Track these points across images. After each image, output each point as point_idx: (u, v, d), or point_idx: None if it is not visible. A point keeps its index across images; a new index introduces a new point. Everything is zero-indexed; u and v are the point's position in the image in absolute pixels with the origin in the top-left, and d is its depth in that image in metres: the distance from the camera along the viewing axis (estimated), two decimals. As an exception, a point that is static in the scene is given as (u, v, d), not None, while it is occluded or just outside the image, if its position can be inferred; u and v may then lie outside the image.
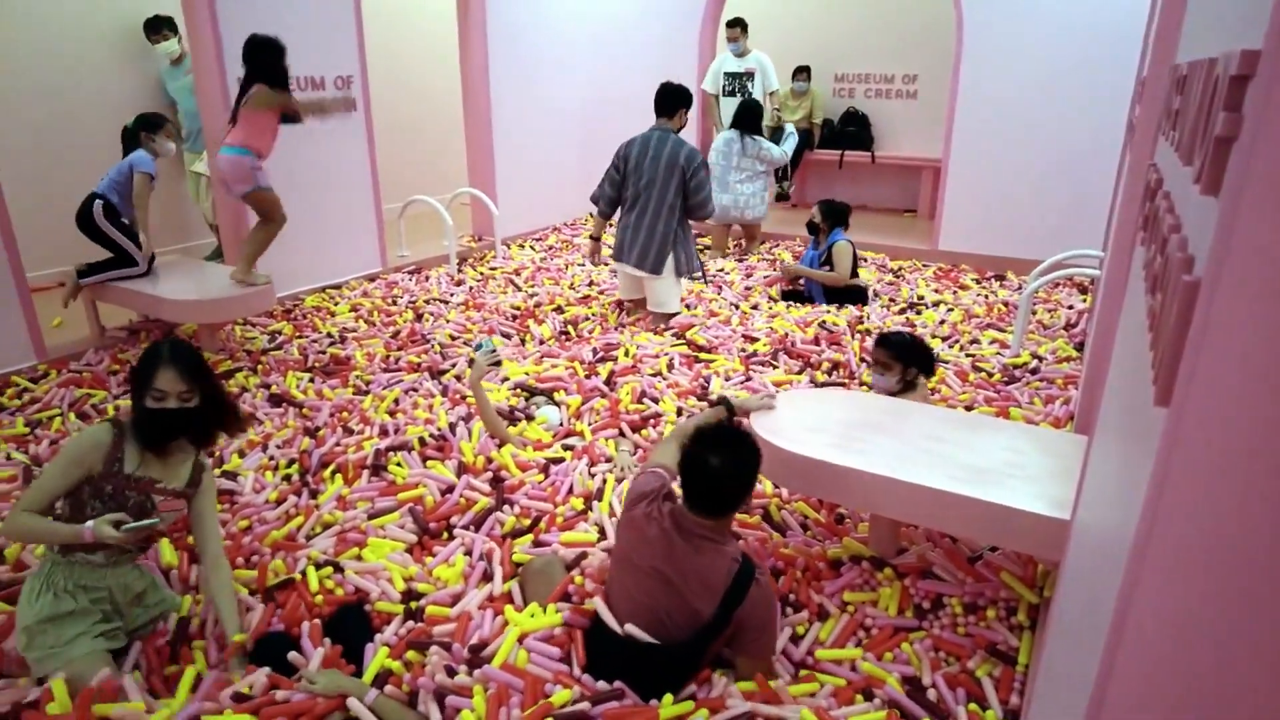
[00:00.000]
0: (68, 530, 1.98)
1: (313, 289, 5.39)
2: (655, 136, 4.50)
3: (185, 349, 2.11)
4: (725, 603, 1.97)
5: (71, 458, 2.02)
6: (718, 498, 1.99)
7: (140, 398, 2.05)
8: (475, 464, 3.05)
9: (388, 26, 7.11)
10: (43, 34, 5.27)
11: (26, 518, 1.99)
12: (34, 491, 2.02)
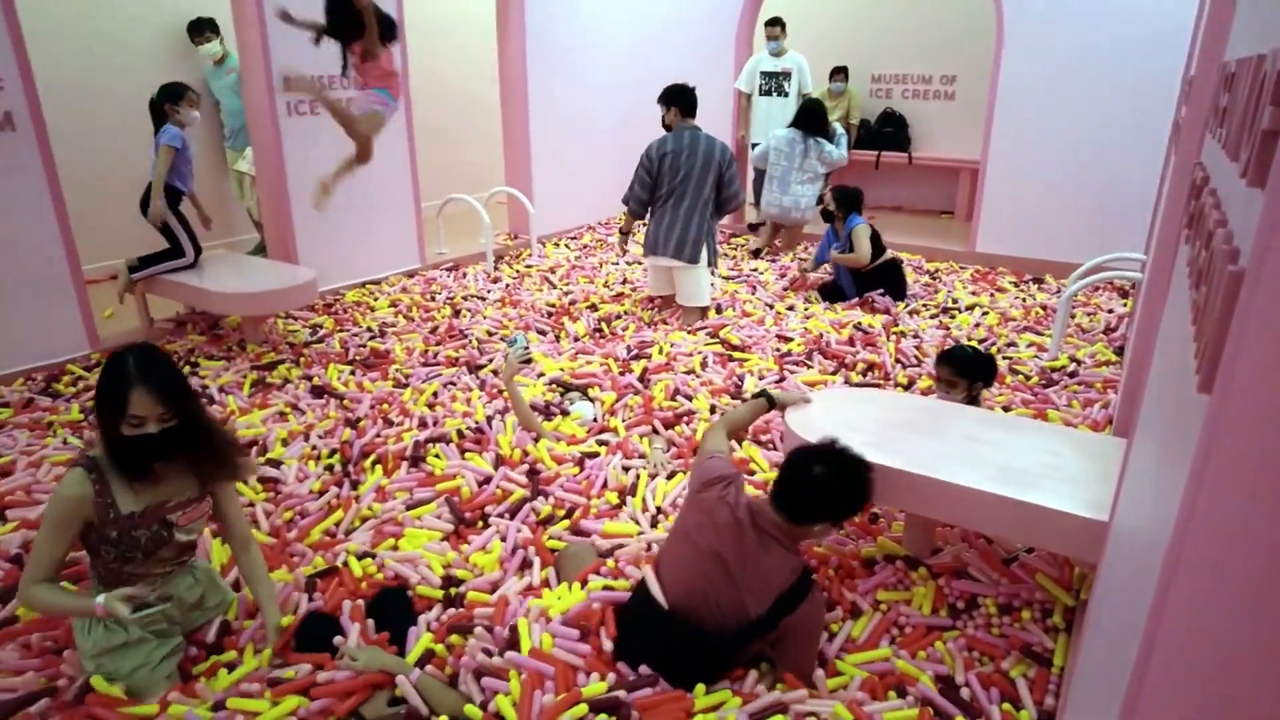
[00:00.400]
0: (80, 605, 1.86)
1: (353, 284, 5.50)
2: (688, 135, 4.64)
3: (157, 361, 1.85)
4: (777, 606, 1.97)
5: (58, 521, 1.84)
6: (804, 502, 2.01)
7: (113, 425, 1.80)
8: (512, 456, 3.10)
9: (429, 26, 7.21)
10: (96, 35, 5.44)
11: (39, 590, 1.84)
12: (35, 562, 1.85)
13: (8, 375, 3.91)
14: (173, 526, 1.95)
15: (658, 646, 2.00)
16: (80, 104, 5.30)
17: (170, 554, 1.99)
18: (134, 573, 1.95)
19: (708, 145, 4.61)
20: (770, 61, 6.87)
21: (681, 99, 4.72)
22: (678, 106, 4.71)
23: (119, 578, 1.93)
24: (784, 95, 6.89)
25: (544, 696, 1.89)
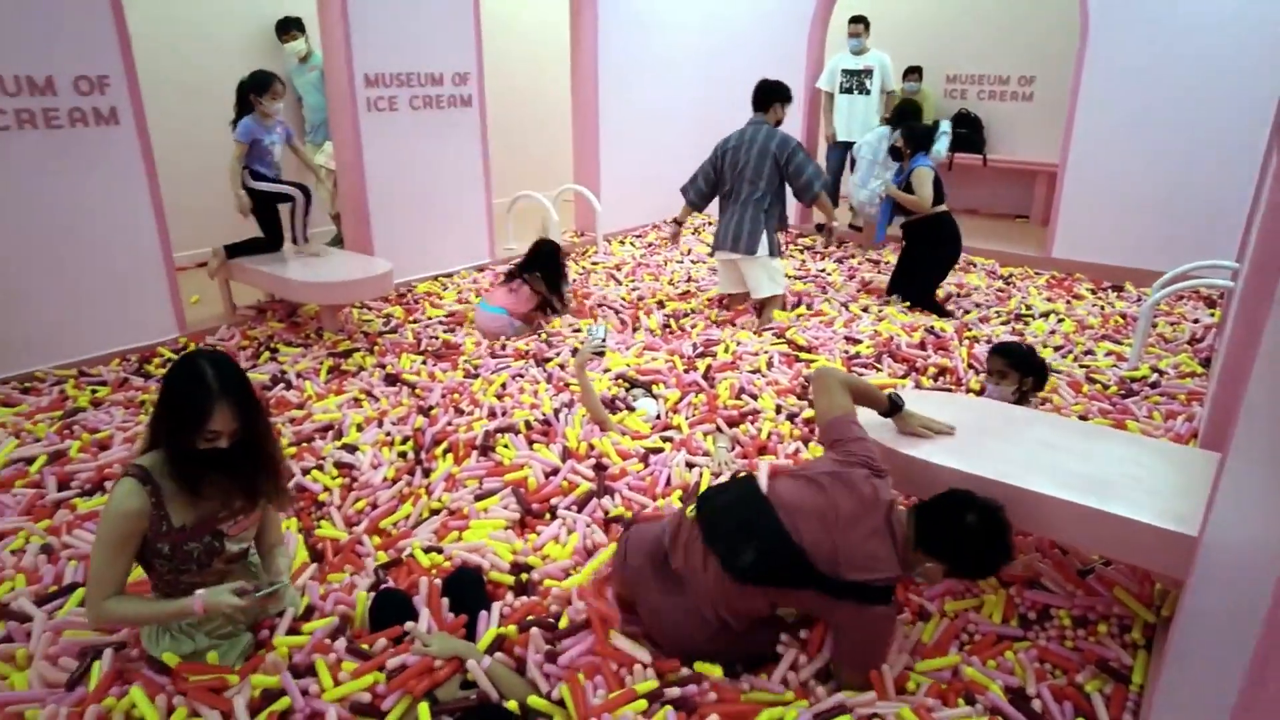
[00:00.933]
0: (174, 607, 1.81)
1: (424, 277, 5.63)
2: (750, 129, 4.69)
3: (235, 373, 1.81)
4: (849, 586, 1.90)
5: (119, 536, 1.77)
6: (939, 537, 1.96)
7: (187, 437, 1.76)
8: (578, 449, 3.14)
9: (503, 26, 7.33)
10: (189, 34, 5.70)
11: (114, 605, 1.79)
12: (98, 581, 1.78)
13: (105, 355, 4.13)
14: (224, 537, 1.91)
15: (734, 516, 2.01)
16: (174, 99, 5.54)
17: (223, 563, 1.96)
18: (192, 582, 1.90)
19: (764, 137, 4.61)
20: (851, 60, 6.79)
21: (756, 93, 4.77)
22: (754, 101, 4.77)
23: (178, 588, 1.90)
24: (865, 93, 6.82)
25: (598, 692, 1.92)
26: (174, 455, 1.78)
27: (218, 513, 1.88)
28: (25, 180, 3.76)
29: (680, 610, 2.05)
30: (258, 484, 1.92)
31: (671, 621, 2.07)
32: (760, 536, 1.97)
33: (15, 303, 3.82)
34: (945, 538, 1.96)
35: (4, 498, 2.85)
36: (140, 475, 1.79)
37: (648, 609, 2.13)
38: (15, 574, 2.40)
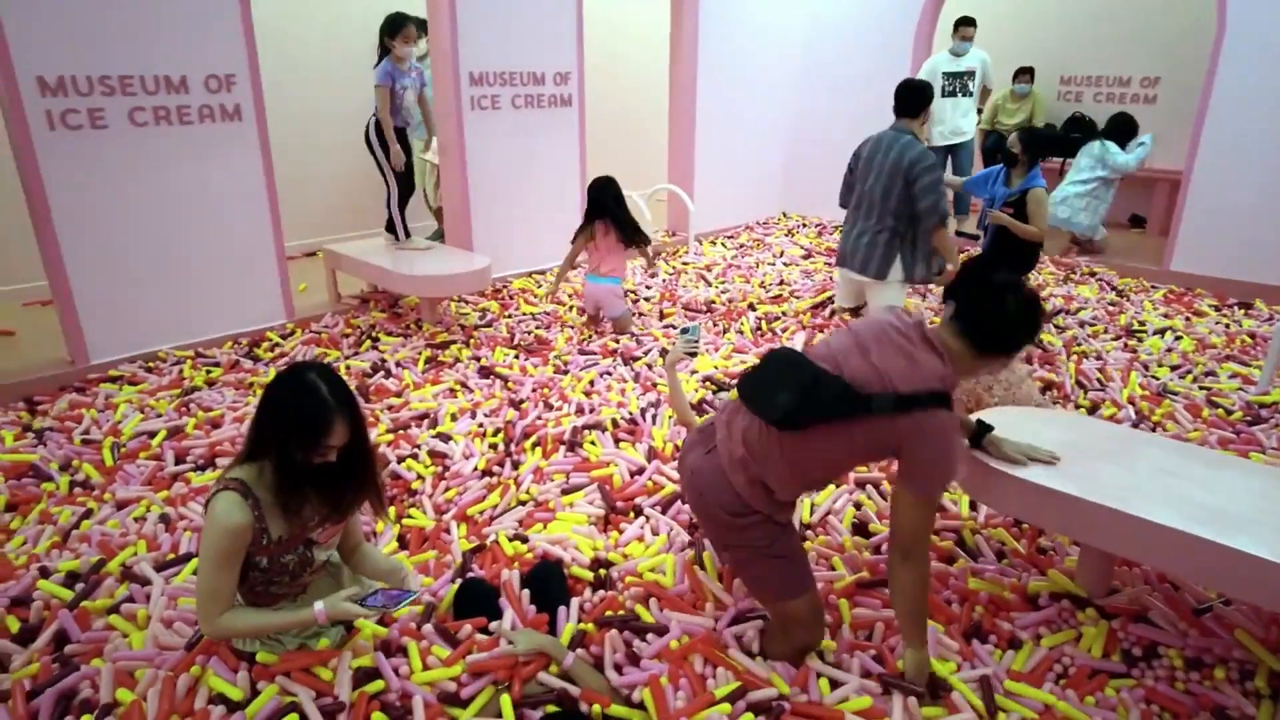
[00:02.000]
0: (294, 619, 1.81)
1: (519, 273, 5.73)
2: (888, 137, 4.25)
3: (344, 386, 1.79)
4: (904, 398, 1.75)
5: (225, 553, 1.74)
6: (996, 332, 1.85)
7: (303, 451, 1.74)
8: (664, 450, 3.13)
9: (604, 26, 7.40)
10: (310, 30, 5.97)
11: (229, 619, 1.78)
12: (212, 597, 1.76)
13: (219, 338, 4.37)
14: (314, 545, 1.90)
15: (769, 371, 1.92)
16: (289, 95, 5.82)
17: (311, 573, 1.98)
18: (279, 593, 1.92)
19: (899, 151, 4.14)
20: (952, 61, 6.56)
21: (903, 95, 4.26)
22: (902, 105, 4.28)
23: (266, 598, 1.91)
24: (968, 95, 6.59)
25: (679, 693, 1.91)
26: (282, 468, 1.76)
27: (308, 522, 1.87)
28: (158, 173, 4.01)
29: (716, 471, 1.95)
30: (355, 495, 1.91)
31: (707, 482, 1.98)
32: (797, 379, 1.84)
33: (144, 286, 4.08)
34: (1000, 329, 1.84)
35: (129, 468, 3.06)
36: (240, 489, 1.76)
37: (687, 469, 2.06)
38: (138, 540, 2.56)
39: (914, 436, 1.77)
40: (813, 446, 1.85)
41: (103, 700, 1.88)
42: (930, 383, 1.77)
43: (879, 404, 1.76)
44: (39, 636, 2.14)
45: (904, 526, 1.85)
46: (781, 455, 1.87)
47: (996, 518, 2.79)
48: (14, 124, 3.57)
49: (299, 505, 1.82)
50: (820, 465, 1.92)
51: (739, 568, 2.05)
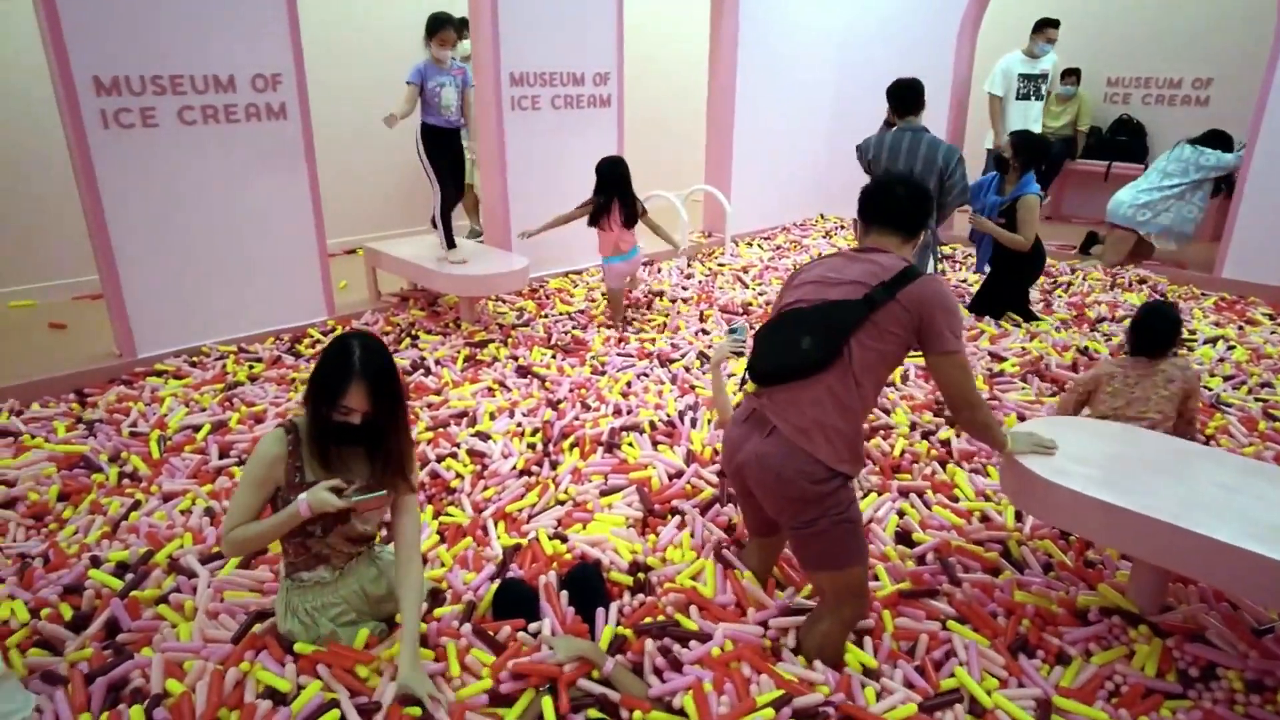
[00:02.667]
0: (284, 516, 1.86)
1: (556, 273, 5.74)
2: (908, 136, 4.20)
3: (379, 358, 1.86)
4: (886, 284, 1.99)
5: (256, 477, 1.89)
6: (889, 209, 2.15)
7: (323, 406, 1.84)
8: (703, 454, 3.11)
9: (643, 27, 7.39)
10: (355, 31, 6.03)
11: (237, 531, 1.88)
12: (232, 513, 1.90)
13: (262, 334, 4.43)
14: (350, 510, 1.92)
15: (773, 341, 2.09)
16: (336, 95, 5.89)
17: (348, 535, 1.99)
18: (319, 552, 1.97)
19: (928, 148, 4.13)
20: (1026, 63, 6.42)
21: (893, 95, 4.31)
22: (891, 103, 4.33)
23: (305, 551, 1.97)
24: (1040, 98, 6.49)
25: (721, 697, 1.89)
26: (312, 419, 1.88)
27: (349, 483, 1.90)
28: (205, 170, 4.08)
29: (788, 446, 1.99)
30: (385, 467, 1.95)
31: (783, 459, 1.99)
32: (803, 325, 2.03)
33: (189, 281, 4.15)
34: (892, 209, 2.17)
35: (175, 461, 3.11)
36: (287, 427, 1.93)
37: (752, 456, 2.06)
38: (184, 532, 2.60)
39: (918, 302, 1.98)
40: (863, 359, 1.99)
41: (154, 691, 1.91)
42: (898, 266, 2.04)
43: (878, 295, 1.99)
44: (91, 623, 2.18)
45: (955, 387, 2.04)
46: (850, 384, 1.99)
47: (1043, 528, 2.73)
48: (70, 123, 3.65)
49: (325, 456, 1.91)
50: (880, 365, 2.03)
51: (814, 541, 2.04)
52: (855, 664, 2.11)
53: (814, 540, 2.04)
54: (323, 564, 2.01)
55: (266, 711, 1.82)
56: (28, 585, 2.36)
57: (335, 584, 2.03)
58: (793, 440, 1.98)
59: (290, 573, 2.03)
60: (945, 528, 2.74)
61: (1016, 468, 2.29)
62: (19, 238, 4.94)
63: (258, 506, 1.91)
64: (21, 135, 4.81)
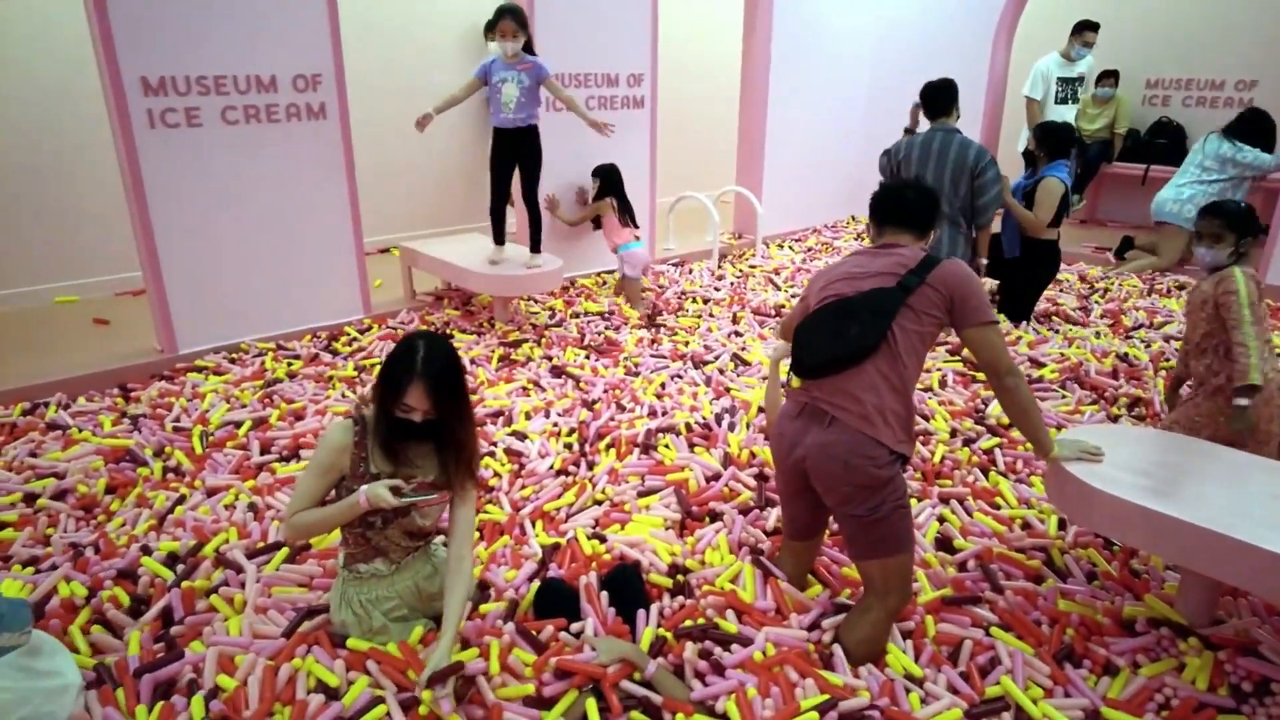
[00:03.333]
0: (344, 505, 1.90)
1: (586, 273, 5.76)
2: (939, 137, 4.21)
3: (443, 360, 1.88)
4: (913, 271, 2.10)
5: (322, 464, 1.95)
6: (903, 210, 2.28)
7: (386, 402, 1.90)
8: (740, 456, 3.11)
9: (677, 28, 7.39)
10: (398, 33, 6.09)
11: (299, 516, 1.93)
12: (297, 497, 1.95)
13: (299, 331, 4.48)
14: (414, 501, 1.95)
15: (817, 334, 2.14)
16: (373, 95, 5.94)
17: (407, 529, 2.03)
18: (377, 544, 2.02)
19: (960, 149, 4.13)
20: (1064, 67, 6.34)
21: (926, 97, 4.34)
22: (924, 105, 4.36)
23: (364, 543, 2.02)
24: (1077, 102, 6.41)
25: (765, 700, 1.89)
26: (377, 414, 1.93)
27: (411, 477, 1.96)
28: (246, 169, 4.14)
29: (851, 433, 2.04)
30: (446, 466, 1.99)
31: (847, 446, 2.04)
32: (844, 315, 2.11)
33: (229, 279, 4.21)
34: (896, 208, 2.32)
35: (217, 456, 3.16)
36: (356, 419, 1.98)
37: (813, 447, 2.09)
38: (229, 527, 2.64)
39: (947, 282, 2.09)
40: (905, 341, 2.08)
41: (207, 686, 1.94)
42: (919, 255, 2.16)
43: (909, 281, 2.09)
44: (148, 610, 2.24)
45: (992, 355, 2.11)
46: (898, 366, 2.07)
47: (1086, 536, 2.70)
48: (118, 122, 3.71)
49: (390, 450, 1.95)
50: (920, 346, 2.12)
51: (873, 528, 2.08)
52: (898, 668, 2.10)
53: (873, 527, 2.07)
54: (380, 557, 2.04)
55: (319, 707, 1.84)
56: (82, 570, 2.42)
57: (391, 578, 2.06)
58: (855, 427, 2.03)
59: (348, 563, 2.06)
60: (986, 535, 2.72)
61: (1062, 474, 2.26)
62: (63, 234, 5.04)
63: (321, 493, 1.96)
64: (66, 134, 4.90)
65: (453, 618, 1.92)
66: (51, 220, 4.99)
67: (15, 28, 4.66)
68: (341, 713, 1.83)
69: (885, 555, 2.11)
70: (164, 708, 1.86)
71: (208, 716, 1.84)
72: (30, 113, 4.79)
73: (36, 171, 4.88)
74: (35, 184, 4.89)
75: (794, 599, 2.33)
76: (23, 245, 4.93)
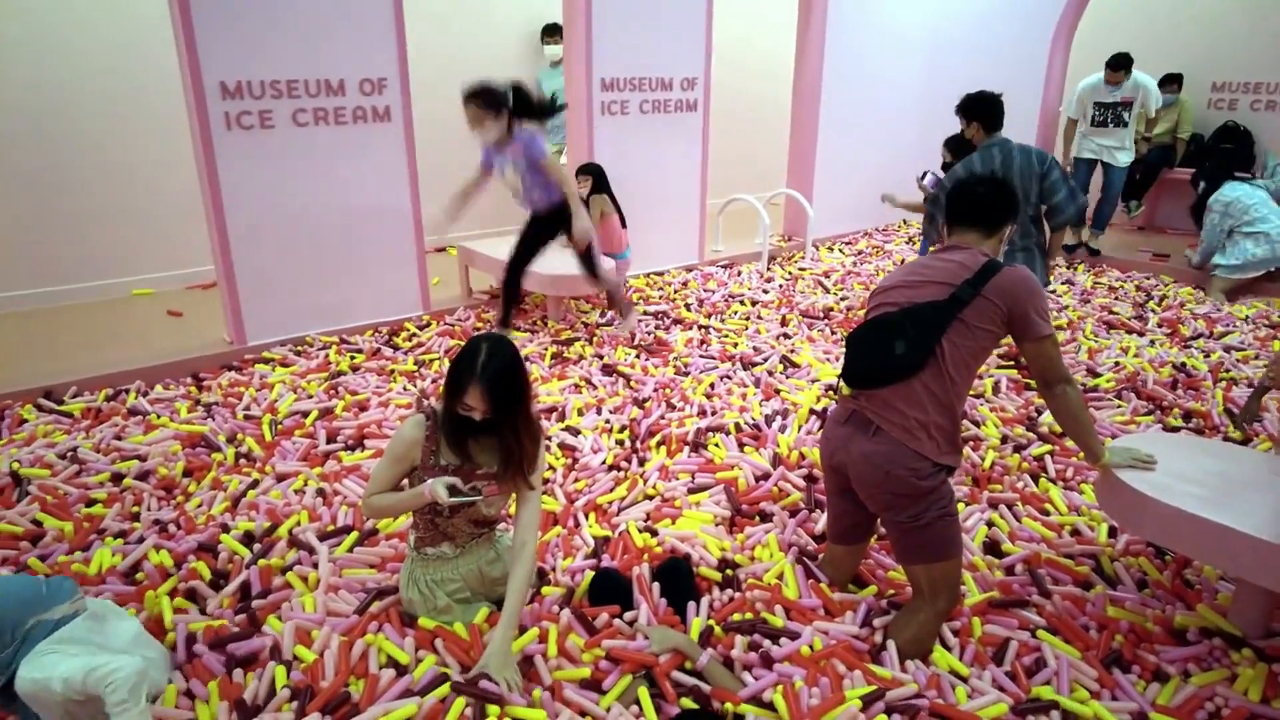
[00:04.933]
0: (412, 494, 2.02)
1: (635, 274, 5.83)
2: (997, 152, 4.08)
3: (502, 363, 1.94)
4: (970, 281, 2.07)
5: (395, 454, 2.06)
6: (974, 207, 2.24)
7: (450, 400, 1.98)
8: (790, 458, 3.16)
9: (730, 31, 7.43)
10: (460, 38, 6.25)
11: (375, 498, 2.06)
12: (373, 482, 2.09)
13: (361, 326, 4.65)
14: (480, 492, 2.04)
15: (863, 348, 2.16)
16: (433, 96, 6.09)
17: (472, 517, 2.12)
18: (445, 529, 2.12)
19: (1022, 158, 4.01)
20: (1107, 91, 6.22)
21: (980, 110, 4.15)
22: (979, 120, 4.15)
23: (433, 528, 2.12)
24: (1122, 125, 6.24)
25: (811, 690, 1.94)
26: (444, 410, 2.02)
27: (476, 469, 2.06)
28: (314, 170, 4.31)
29: (894, 444, 2.06)
30: (506, 464, 2.06)
31: (890, 457, 2.07)
32: (893, 329, 2.10)
33: (296, 274, 4.39)
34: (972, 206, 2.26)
35: (286, 444, 3.31)
36: (428, 414, 2.08)
37: (858, 457, 2.12)
38: (300, 510, 2.78)
39: (1004, 293, 2.07)
40: (955, 356, 2.07)
41: (285, 656, 2.07)
42: (979, 261, 2.12)
43: (964, 293, 2.07)
44: (229, 584, 2.39)
45: (1046, 365, 2.11)
46: (945, 382, 2.07)
47: (1137, 544, 2.69)
48: (198, 124, 3.91)
49: (459, 445, 2.03)
50: (971, 360, 2.12)
51: (916, 535, 2.11)
52: (944, 665, 2.14)
53: (916, 534, 2.10)
54: (447, 541, 2.14)
55: (390, 681, 1.95)
56: (168, 540, 2.60)
57: (455, 561, 2.17)
58: (899, 439, 2.06)
59: (417, 546, 2.17)
60: (1035, 540, 2.73)
61: (1113, 481, 2.27)
62: (140, 230, 5.29)
63: (394, 480, 2.08)
64: (144, 137, 5.15)
65: (514, 604, 2.01)
66: (130, 217, 5.25)
67: (97, 36, 4.91)
68: (411, 685, 1.94)
69: (930, 561, 2.14)
70: (251, 675, 2.00)
71: (289, 684, 1.96)
72: (111, 117, 5.05)
73: (117, 171, 5.14)
74: (116, 183, 5.15)
75: (841, 599, 2.38)
76: (104, 241, 5.20)
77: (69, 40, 4.84)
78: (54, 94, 4.87)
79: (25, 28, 4.72)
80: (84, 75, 4.92)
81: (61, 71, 4.86)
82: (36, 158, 4.89)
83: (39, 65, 4.79)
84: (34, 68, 4.78)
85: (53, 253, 5.05)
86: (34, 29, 4.74)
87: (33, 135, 4.85)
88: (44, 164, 4.92)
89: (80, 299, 5.17)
